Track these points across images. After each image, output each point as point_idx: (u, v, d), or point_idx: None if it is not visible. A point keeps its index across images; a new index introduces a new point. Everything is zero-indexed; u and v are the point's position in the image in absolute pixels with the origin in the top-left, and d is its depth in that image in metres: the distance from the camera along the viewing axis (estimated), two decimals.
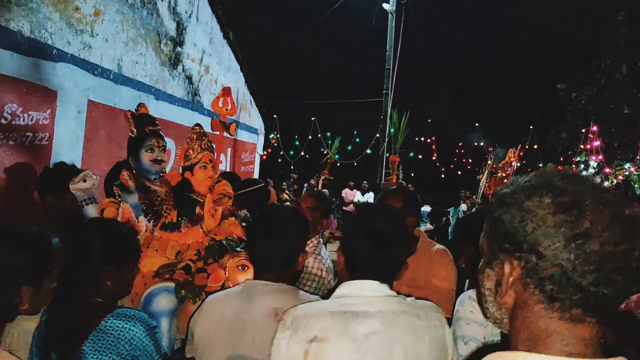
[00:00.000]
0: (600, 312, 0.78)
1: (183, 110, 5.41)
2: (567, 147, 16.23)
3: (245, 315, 1.68)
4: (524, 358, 0.77)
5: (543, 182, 0.82)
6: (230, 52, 6.59)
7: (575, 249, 0.74)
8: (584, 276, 0.74)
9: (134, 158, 2.82)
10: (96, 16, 4.00)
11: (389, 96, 11.29)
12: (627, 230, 0.75)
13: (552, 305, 0.78)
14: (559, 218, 0.76)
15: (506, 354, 0.81)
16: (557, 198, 0.78)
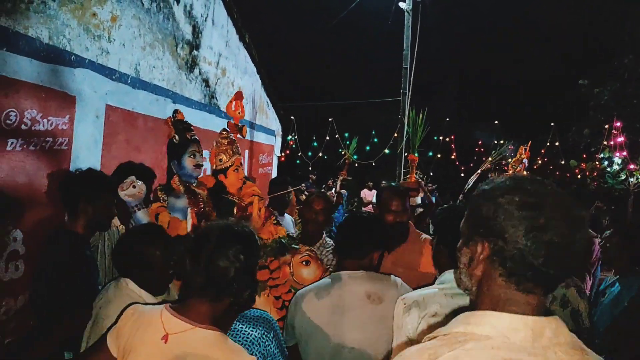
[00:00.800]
0: (545, 287, 1.04)
1: (200, 113, 5.44)
2: (589, 144, 15.93)
3: (340, 300, 2.05)
4: (490, 315, 1.02)
5: (515, 184, 1.06)
6: (246, 55, 6.61)
7: (532, 238, 0.99)
8: (536, 258, 0.99)
9: (177, 163, 2.98)
10: (113, 22, 4.04)
11: (406, 95, 11.22)
12: (573, 228, 1.00)
13: (510, 279, 1.04)
14: (522, 214, 1.00)
15: (476, 312, 1.05)
16: (523, 198, 1.02)
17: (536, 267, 0.99)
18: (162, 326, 1.47)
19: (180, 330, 1.45)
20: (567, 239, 0.99)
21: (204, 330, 1.46)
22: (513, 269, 1.02)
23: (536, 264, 0.99)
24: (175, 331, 1.45)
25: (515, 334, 0.98)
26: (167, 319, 1.49)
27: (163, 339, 1.45)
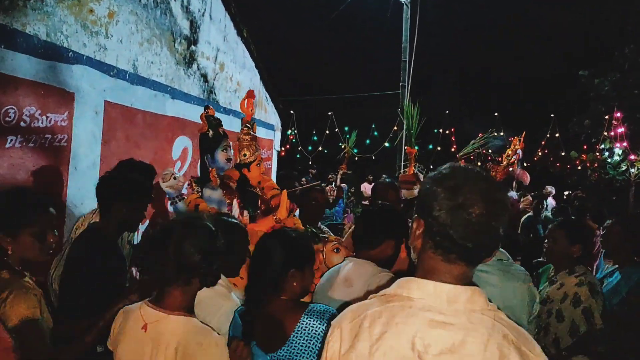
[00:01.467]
0: (467, 260, 1.19)
1: (199, 109, 5.41)
2: (590, 135, 15.90)
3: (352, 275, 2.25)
4: (417, 281, 1.21)
5: (447, 172, 1.22)
6: (244, 49, 6.60)
7: (452, 215, 1.15)
8: (456, 233, 1.15)
9: (210, 157, 3.14)
10: (110, 17, 4.05)
11: (405, 88, 11.21)
12: (490, 208, 1.15)
13: (437, 251, 1.20)
14: (446, 195, 1.16)
15: (410, 278, 1.24)
16: (448, 183, 1.18)
17: (456, 240, 1.16)
18: (142, 318, 1.68)
19: (156, 319, 1.66)
20: (482, 217, 1.14)
21: (177, 316, 1.67)
22: (439, 243, 1.19)
23: (456, 238, 1.15)
24: (152, 320, 1.66)
25: (433, 298, 1.17)
26: (145, 311, 1.70)
27: (143, 328, 1.66)
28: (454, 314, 1.15)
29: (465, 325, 1.13)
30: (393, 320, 1.17)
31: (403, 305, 1.19)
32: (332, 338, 1.27)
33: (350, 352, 1.20)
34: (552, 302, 2.87)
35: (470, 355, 1.10)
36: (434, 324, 1.14)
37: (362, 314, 1.22)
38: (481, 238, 1.16)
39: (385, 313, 1.19)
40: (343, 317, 1.28)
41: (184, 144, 5.17)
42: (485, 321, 1.14)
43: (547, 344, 2.81)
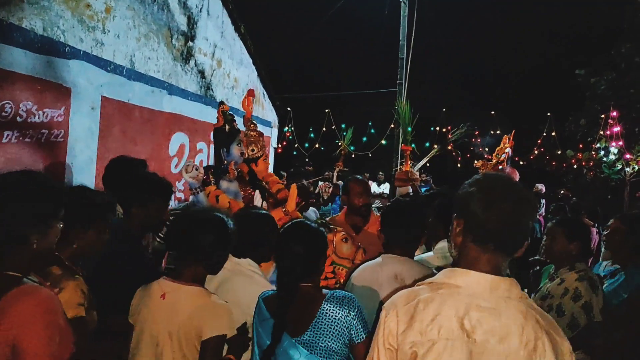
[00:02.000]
0: (502, 250, 1.39)
1: (196, 105, 5.45)
2: (586, 134, 15.93)
3: (403, 273, 2.37)
4: (462, 271, 1.40)
5: (480, 177, 1.48)
6: (242, 46, 6.59)
7: (487, 211, 1.36)
8: (491, 226, 1.36)
9: (226, 150, 3.25)
10: (107, 13, 4.04)
11: (402, 86, 11.21)
12: (517, 205, 1.37)
13: (476, 244, 1.40)
14: (481, 195, 1.39)
15: (454, 269, 1.43)
16: (482, 185, 1.42)
17: (492, 233, 1.37)
18: (161, 289, 1.97)
19: (173, 289, 1.95)
20: (513, 212, 1.36)
21: (190, 286, 1.95)
22: (478, 236, 1.39)
23: (492, 230, 1.37)
24: (169, 290, 1.95)
25: (477, 286, 1.37)
26: (164, 284, 1.99)
27: (161, 297, 1.95)
28: (495, 300, 1.34)
29: (505, 310, 1.33)
30: (444, 304, 1.35)
31: (452, 292, 1.38)
32: (388, 319, 1.42)
33: (408, 331, 1.36)
34: (553, 298, 2.88)
35: (510, 336, 1.30)
36: (479, 309, 1.33)
37: (416, 299, 1.40)
38: (513, 230, 1.38)
39: (437, 298, 1.37)
40: (397, 301, 1.44)
41: (181, 140, 5.17)
42: (521, 308, 1.34)
43: None
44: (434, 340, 1.32)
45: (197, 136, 5.51)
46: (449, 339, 1.32)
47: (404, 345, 1.36)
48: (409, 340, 1.35)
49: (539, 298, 3.01)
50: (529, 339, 1.30)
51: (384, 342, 1.41)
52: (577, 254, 2.93)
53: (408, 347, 1.35)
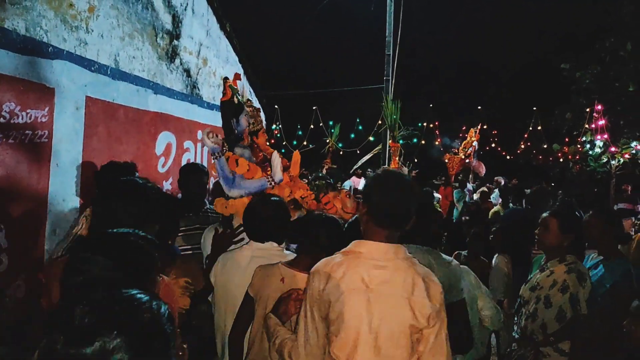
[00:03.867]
0: (391, 225, 1.87)
1: (182, 104, 5.43)
2: (572, 127, 16.09)
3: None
4: (364, 242, 1.88)
5: (378, 173, 1.96)
6: (227, 44, 6.58)
7: (379, 196, 1.86)
8: (383, 207, 1.84)
9: (235, 121, 3.36)
10: (91, 12, 4.01)
11: (389, 82, 11.23)
12: (401, 192, 1.85)
13: (374, 221, 1.87)
14: (375, 184, 1.90)
15: (360, 241, 1.90)
16: (377, 177, 1.93)
17: (384, 212, 1.85)
18: (280, 273, 2.38)
19: (291, 275, 2.36)
20: (398, 198, 1.85)
21: (304, 274, 2.20)
22: (374, 215, 1.87)
23: (384, 210, 1.85)
24: (288, 276, 2.36)
25: (374, 252, 1.85)
26: (283, 269, 2.40)
27: (281, 280, 2.34)
28: (386, 260, 1.83)
29: (393, 266, 1.82)
30: (350, 265, 1.83)
31: (356, 256, 1.86)
32: (313, 280, 1.88)
33: (325, 286, 1.83)
34: (541, 289, 2.92)
35: (394, 281, 1.80)
36: (374, 267, 1.82)
37: (331, 264, 1.87)
38: (398, 210, 1.86)
39: (345, 261, 1.85)
40: (319, 266, 1.91)
41: (167, 139, 5.15)
42: (404, 263, 1.85)
43: (535, 329, 2.86)
44: (342, 291, 1.79)
45: (184, 135, 5.49)
46: (354, 289, 1.79)
47: (322, 296, 1.83)
48: (325, 292, 1.82)
49: (529, 289, 3.04)
50: (408, 282, 1.81)
51: (311, 299, 1.87)
52: (569, 246, 2.96)
53: (325, 298, 1.82)
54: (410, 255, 1.91)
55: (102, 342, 0.90)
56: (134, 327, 0.95)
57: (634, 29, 14.66)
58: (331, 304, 1.80)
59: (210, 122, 6.12)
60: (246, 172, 3.18)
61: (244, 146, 3.37)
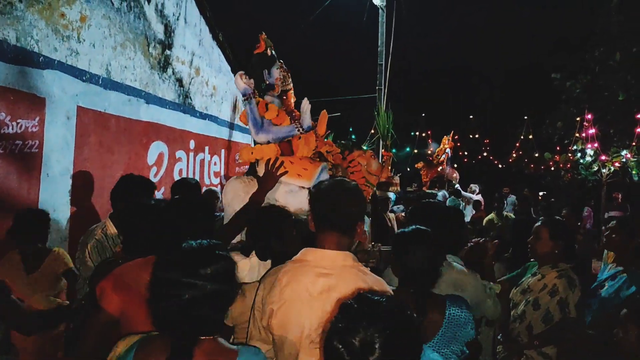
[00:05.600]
0: (337, 229, 1.82)
1: (174, 113, 5.41)
2: (562, 136, 16.20)
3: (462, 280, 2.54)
4: (312, 250, 1.84)
5: (323, 182, 1.94)
6: (220, 53, 6.58)
7: (322, 203, 1.83)
8: (326, 213, 1.83)
9: (267, 72, 3.39)
10: (82, 22, 4.00)
11: (382, 92, 11.27)
12: (340, 197, 1.82)
13: (320, 228, 1.85)
14: (320, 192, 1.87)
15: (309, 249, 1.85)
16: (321, 187, 1.89)
17: (328, 218, 1.82)
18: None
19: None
20: (340, 203, 1.81)
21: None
22: (319, 222, 1.85)
23: (328, 216, 1.82)
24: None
25: (321, 260, 1.80)
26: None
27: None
28: (332, 268, 1.77)
29: (338, 275, 1.76)
30: (296, 274, 1.80)
31: (302, 265, 1.82)
32: (260, 288, 1.89)
33: (268, 295, 1.82)
34: (531, 292, 2.99)
35: (340, 292, 1.70)
36: (320, 275, 1.77)
37: (278, 272, 1.85)
38: (341, 215, 1.82)
39: (291, 270, 1.82)
40: (266, 275, 1.94)
41: (159, 149, 5.13)
42: (353, 272, 1.78)
43: (521, 331, 2.93)
44: (285, 299, 1.77)
45: (176, 145, 5.47)
46: (297, 298, 1.76)
47: (265, 305, 1.82)
48: (269, 301, 1.81)
49: (520, 292, 3.10)
50: (351, 290, 1.67)
51: (256, 307, 1.88)
52: (560, 253, 3.00)
53: (268, 307, 1.81)
54: (358, 263, 1.85)
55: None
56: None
57: (621, 39, 14.83)
58: (273, 312, 1.78)
59: (202, 131, 6.11)
60: (275, 118, 3.20)
61: (274, 95, 3.40)
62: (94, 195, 4.14)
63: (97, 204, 4.14)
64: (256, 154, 3.18)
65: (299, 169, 3.02)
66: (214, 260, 1.46)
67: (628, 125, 14.03)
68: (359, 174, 3.64)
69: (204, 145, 6.14)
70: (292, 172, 3.01)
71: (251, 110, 3.13)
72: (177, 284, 1.40)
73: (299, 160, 3.13)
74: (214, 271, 1.43)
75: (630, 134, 13.56)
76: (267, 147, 3.16)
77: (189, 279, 1.40)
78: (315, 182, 2.95)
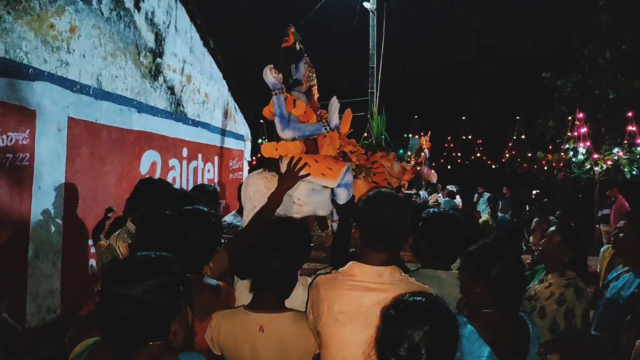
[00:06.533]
0: (387, 246, 1.84)
1: (167, 122, 5.38)
2: (555, 135, 16.27)
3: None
4: (358, 264, 1.85)
5: (370, 195, 1.93)
6: (211, 60, 6.56)
7: (371, 218, 1.84)
8: (375, 228, 1.82)
9: (295, 67, 3.30)
10: (72, 32, 3.97)
11: (374, 95, 11.29)
12: (392, 212, 1.83)
13: (367, 243, 1.85)
14: (366, 206, 1.88)
15: (355, 262, 1.87)
16: (368, 199, 1.90)
17: (377, 233, 1.83)
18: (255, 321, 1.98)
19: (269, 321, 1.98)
20: (391, 220, 1.83)
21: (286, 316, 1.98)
22: (367, 237, 1.85)
23: (376, 231, 1.83)
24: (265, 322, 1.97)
25: (366, 275, 1.82)
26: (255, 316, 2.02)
27: (260, 329, 1.94)
28: (380, 283, 1.80)
29: (386, 289, 1.77)
30: (341, 287, 1.82)
31: (348, 278, 1.84)
32: (312, 297, 1.90)
33: (320, 311, 1.82)
34: (537, 300, 2.92)
35: (387, 304, 1.61)
36: (367, 290, 1.80)
37: (324, 283, 1.87)
38: (389, 231, 1.83)
39: (337, 283, 1.84)
40: (316, 285, 1.90)
41: (152, 158, 5.10)
42: (401, 286, 1.77)
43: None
44: (337, 315, 1.78)
45: (169, 153, 5.44)
46: (349, 313, 1.78)
47: (316, 318, 1.84)
48: (318, 316, 1.83)
49: (525, 299, 3.03)
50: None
51: (308, 313, 1.92)
52: (570, 261, 2.97)
53: (318, 321, 1.83)
54: (405, 275, 1.86)
55: None
56: None
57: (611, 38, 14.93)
58: (321, 326, 1.80)
59: (195, 139, 6.09)
60: (302, 115, 3.13)
61: (300, 91, 3.31)
62: (87, 207, 4.10)
63: (90, 216, 4.10)
64: (280, 151, 3.10)
65: (324, 168, 2.95)
66: (154, 273, 1.44)
67: (619, 124, 14.12)
68: (382, 176, 3.58)
69: (196, 153, 6.11)
70: (316, 171, 2.93)
71: (279, 105, 3.05)
72: (113, 296, 1.41)
73: (324, 159, 3.06)
74: (151, 285, 1.42)
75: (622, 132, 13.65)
76: (292, 144, 3.07)
77: (125, 292, 1.40)
78: (339, 182, 2.92)
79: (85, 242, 4.09)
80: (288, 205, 2.99)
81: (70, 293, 3.89)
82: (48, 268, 3.72)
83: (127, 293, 1.40)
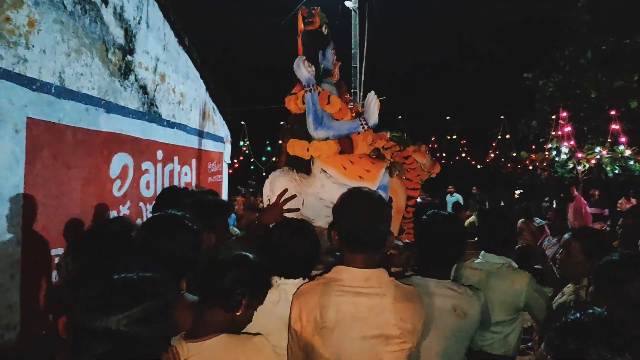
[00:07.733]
0: (367, 249, 1.78)
1: (139, 123, 5.10)
2: (538, 135, 16.30)
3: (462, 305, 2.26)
4: (342, 268, 1.80)
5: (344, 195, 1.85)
6: (187, 59, 6.29)
7: (350, 219, 1.79)
8: (354, 230, 1.77)
9: (322, 53, 3.09)
10: (31, 27, 3.68)
11: (357, 95, 11.09)
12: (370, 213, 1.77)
13: (348, 246, 1.80)
14: (344, 208, 1.82)
15: (339, 266, 1.81)
16: (346, 199, 1.84)
17: (356, 235, 1.77)
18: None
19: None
20: (370, 221, 1.76)
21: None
22: (347, 240, 1.80)
23: (356, 233, 1.77)
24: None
25: (353, 279, 1.76)
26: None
27: None
28: (369, 287, 1.75)
29: (377, 292, 1.74)
30: (331, 293, 1.75)
31: (335, 283, 1.78)
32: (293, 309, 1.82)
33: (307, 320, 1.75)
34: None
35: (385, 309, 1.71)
36: (358, 295, 1.73)
37: (312, 291, 1.79)
38: (369, 233, 1.77)
39: (326, 289, 1.77)
40: (300, 294, 1.84)
41: (123, 160, 4.81)
42: (391, 287, 1.76)
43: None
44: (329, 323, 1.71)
45: (142, 156, 5.16)
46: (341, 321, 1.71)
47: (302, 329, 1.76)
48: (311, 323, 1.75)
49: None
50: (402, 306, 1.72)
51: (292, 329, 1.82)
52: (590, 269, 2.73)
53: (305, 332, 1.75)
54: (391, 277, 1.81)
55: None
56: None
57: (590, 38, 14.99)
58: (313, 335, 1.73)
59: (171, 141, 5.81)
60: (337, 112, 2.90)
61: (331, 82, 3.10)
62: (49, 215, 3.81)
63: (53, 224, 3.81)
64: (313, 151, 2.84)
65: (361, 170, 2.73)
66: (137, 300, 1.17)
67: (601, 122, 14.18)
68: (415, 172, 3.38)
69: (172, 156, 5.83)
70: (352, 173, 2.73)
71: (313, 103, 2.81)
72: (89, 330, 1.12)
73: (359, 160, 2.82)
74: (134, 314, 1.14)
75: (604, 131, 13.68)
76: (326, 144, 2.84)
77: (104, 324, 1.12)
78: (379, 184, 2.70)
79: (48, 252, 3.80)
80: (319, 209, 2.73)
81: (32, 307, 3.60)
82: (6, 281, 3.43)
83: (105, 326, 1.13)
